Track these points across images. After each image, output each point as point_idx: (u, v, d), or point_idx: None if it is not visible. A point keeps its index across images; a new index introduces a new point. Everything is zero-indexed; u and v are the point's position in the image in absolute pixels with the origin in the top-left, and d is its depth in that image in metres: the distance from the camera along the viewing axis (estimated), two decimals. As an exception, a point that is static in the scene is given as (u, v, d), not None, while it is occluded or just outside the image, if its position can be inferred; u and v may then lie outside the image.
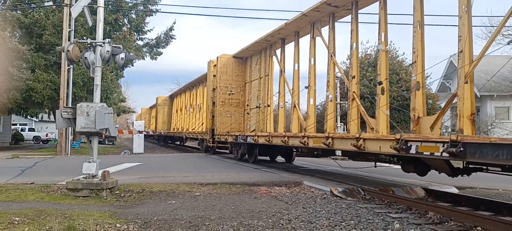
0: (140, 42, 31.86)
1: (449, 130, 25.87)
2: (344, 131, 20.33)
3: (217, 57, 19.05)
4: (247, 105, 17.95)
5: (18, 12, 25.92)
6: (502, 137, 14.69)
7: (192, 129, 26.75)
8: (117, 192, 8.80)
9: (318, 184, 10.00)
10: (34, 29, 25.02)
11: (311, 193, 9.24)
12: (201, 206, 7.47)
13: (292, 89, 13.52)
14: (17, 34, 26.03)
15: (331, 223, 6.18)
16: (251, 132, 16.08)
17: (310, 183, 10.17)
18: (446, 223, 6.43)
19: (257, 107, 16.42)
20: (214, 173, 12.36)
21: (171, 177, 11.07)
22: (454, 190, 9.78)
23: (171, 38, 32.71)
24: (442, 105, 28.47)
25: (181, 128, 31.17)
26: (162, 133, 38.57)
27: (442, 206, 7.49)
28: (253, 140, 14.36)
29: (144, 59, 32.33)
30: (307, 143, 10.84)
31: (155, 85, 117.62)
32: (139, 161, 16.82)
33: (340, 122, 23.03)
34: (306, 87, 12.57)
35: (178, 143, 37.76)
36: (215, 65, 19.83)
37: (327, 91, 11.82)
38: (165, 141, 40.50)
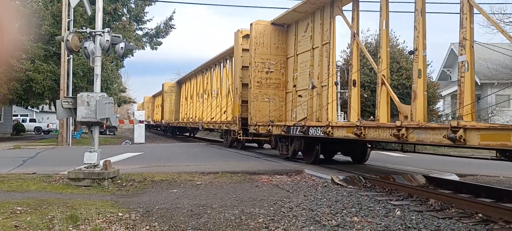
0: (140, 32, 31.77)
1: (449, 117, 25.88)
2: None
3: (251, 25, 14.82)
4: (294, 86, 13.50)
5: (17, 2, 25.77)
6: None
7: (210, 118, 22.82)
8: (119, 181, 8.83)
9: (319, 172, 10.02)
10: (33, 20, 24.90)
11: (312, 181, 9.27)
12: (202, 194, 7.49)
13: (379, 58, 9.34)
14: (16, 24, 25.90)
15: (332, 211, 6.20)
16: (301, 120, 12.15)
17: (311, 171, 10.19)
18: (447, 210, 6.46)
19: (312, 87, 12.11)
20: (215, 162, 12.38)
21: (172, 167, 11.10)
22: (455, 177, 9.80)
23: (171, 28, 32.60)
24: (443, 93, 28.47)
25: (194, 117, 27.62)
26: (170, 123, 34.85)
27: (443, 193, 7.51)
28: (322, 132, 10.20)
29: (144, 49, 32.27)
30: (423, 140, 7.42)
31: (156, 75, 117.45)
32: (140, 150, 16.85)
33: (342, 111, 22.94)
34: (411, 52, 8.82)
35: (187, 134, 35.22)
36: (245, 36, 16.35)
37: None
38: (173, 132, 37.08)
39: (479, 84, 25.99)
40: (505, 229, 5.39)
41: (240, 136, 16.22)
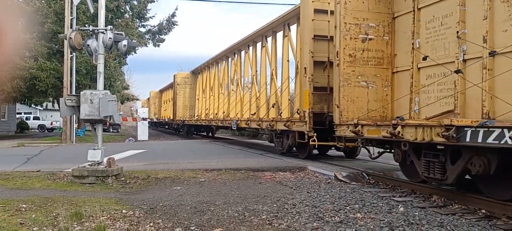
0: (142, 29, 31.82)
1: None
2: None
3: None
4: (413, 61, 8.31)
5: (20, 0, 25.85)
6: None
7: (251, 115, 17.01)
8: (123, 178, 8.87)
9: (322, 169, 10.03)
10: (36, 17, 24.97)
11: (315, 178, 9.28)
12: (206, 191, 7.52)
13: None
14: (20, 22, 25.99)
15: (335, 207, 6.22)
16: (442, 115, 7.27)
17: (314, 168, 10.20)
18: (450, 206, 6.46)
19: (463, 59, 7.01)
20: (219, 159, 12.41)
21: (175, 164, 11.13)
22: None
23: (174, 25, 32.61)
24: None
25: (215, 113, 22.92)
26: (185, 121, 29.18)
27: (446, 189, 7.50)
28: None
29: (146, 46, 32.29)
30: None
31: (158, 72, 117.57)
32: (144, 148, 16.90)
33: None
34: None
35: (205, 133, 30.41)
36: None
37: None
38: (188, 131, 30.62)
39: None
40: (508, 225, 5.39)
41: (311, 140, 10.96)
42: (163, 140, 27.74)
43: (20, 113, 44.10)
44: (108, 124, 29.57)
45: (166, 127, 44.15)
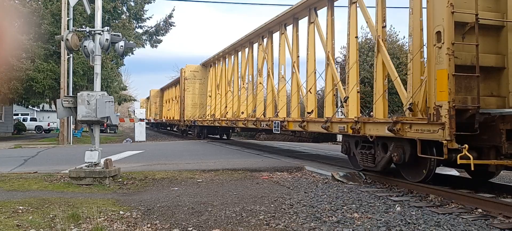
0: (140, 30, 31.81)
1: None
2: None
3: None
4: None
5: (16, 1, 25.78)
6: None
7: (307, 115, 12.02)
8: (120, 179, 8.86)
9: (319, 168, 10.05)
10: (32, 19, 24.91)
11: (312, 177, 9.29)
12: (203, 192, 7.52)
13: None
14: (16, 24, 25.92)
15: (332, 207, 6.23)
16: None
17: (311, 168, 10.21)
18: (447, 205, 6.48)
19: None
20: (216, 159, 12.41)
21: (173, 164, 11.13)
22: (455, 173, 9.81)
23: (171, 26, 32.62)
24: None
25: (237, 112, 18.67)
26: (196, 122, 24.55)
27: (443, 188, 7.52)
28: None
29: (144, 47, 32.32)
30: None
31: (156, 73, 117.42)
32: (141, 149, 16.88)
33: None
34: None
35: (218, 136, 26.09)
36: None
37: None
38: (200, 134, 25.66)
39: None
40: (505, 224, 5.41)
41: (459, 156, 6.32)
42: (161, 140, 27.71)
43: (17, 114, 43.97)
44: (105, 125, 29.46)
45: (168, 128, 40.19)
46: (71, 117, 17.42)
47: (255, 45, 17.31)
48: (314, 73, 12.25)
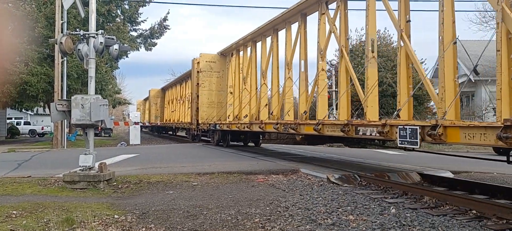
0: (134, 33, 31.80)
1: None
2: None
3: None
4: None
5: (10, 4, 25.66)
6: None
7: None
8: (115, 183, 8.81)
9: (314, 171, 10.06)
10: (26, 22, 24.80)
11: (308, 180, 9.30)
12: (198, 195, 7.50)
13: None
14: (10, 27, 25.80)
15: (328, 210, 6.24)
16: None
17: (306, 170, 10.22)
18: (442, 207, 6.51)
19: None
20: (211, 162, 12.38)
21: (168, 168, 11.09)
22: (449, 175, 9.87)
23: (165, 29, 32.62)
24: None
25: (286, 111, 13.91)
26: (217, 125, 18.90)
27: (438, 190, 7.56)
28: None
29: (138, 50, 32.31)
30: None
31: (150, 76, 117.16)
32: (136, 152, 16.81)
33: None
34: None
35: (242, 143, 19.84)
36: None
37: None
38: (222, 140, 19.51)
39: (473, 81, 26.14)
40: (499, 225, 5.45)
41: None
42: (155, 144, 27.62)
43: (11, 118, 43.63)
44: (99, 128, 29.26)
45: (170, 132, 36.68)
46: (65, 120, 17.30)
47: (295, 27, 13.10)
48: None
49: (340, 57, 10.79)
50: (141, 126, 46.76)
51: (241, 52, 18.52)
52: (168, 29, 32.63)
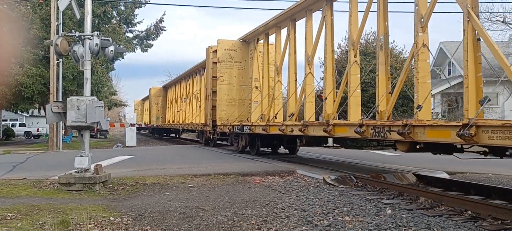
0: (130, 35, 31.70)
1: (439, 115, 26.13)
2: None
3: None
4: None
5: (5, 6, 25.54)
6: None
7: None
8: (110, 185, 8.79)
9: (311, 172, 10.07)
10: (21, 23, 24.70)
11: (304, 181, 9.30)
12: (195, 197, 7.49)
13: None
14: (5, 29, 25.69)
15: (324, 211, 6.24)
16: None
17: (303, 172, 10.23)
18: (437, 207, 6.53)
19: None
20: (208, 164, 12.37)
21: (164, 169, 11.07)
22: (445, 175, 9.90)
23: (161, 30, 32.53)
24: (433, 92, 28.70)
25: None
26: (246, 128, 15.02)
27: (433, 191, 7.59)
28: None
29: (134, 51, 32.16)
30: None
31: (146, 78, 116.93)
32: (132, 154, 16.77)
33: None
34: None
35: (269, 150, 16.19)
36: None
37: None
38: (250, 146, 15.55)
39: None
40: (494, 225, 5.47)
41: None
42: (151, 145, 27.57)
43: (6, 120, 43.48)
44: (95, 130, 29.15)
45: (173, 135, 34.70)
46: (61, 122, 17.26)
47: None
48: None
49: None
50: (139, 128, 45.36)
51: (272, 36, 15.16)
52: (164, 30, 32.57)
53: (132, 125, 26.83)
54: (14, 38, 23.85)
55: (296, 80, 13.05)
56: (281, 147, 15.73)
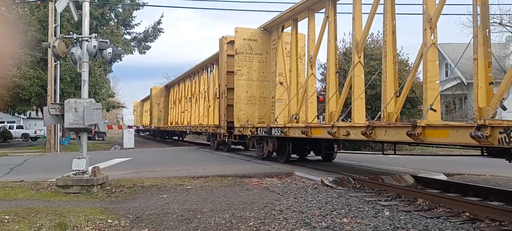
0: (128, 37, 31.70)
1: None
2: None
3: None
4: None
5: (2, 8, 25.50)
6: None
7: None
8: (108, 187, 8.77)
9: (309, 174, 10.07)
10: (19, 25, 24.65)
11: (302, 183, 9.30)
12: (193, 199, 7.48)
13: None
14: (2, 30, 25.64)
15: (322, 213, 6.24)
16: None
17: (301, 173, 10.23)
18: (435, 209, 6.53)
19: None
20: (206, 166, 12.36)
21: (162, 171, 11.05)
22: (443, 177, 9.92)
23: (159, 32, 32.53)
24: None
25: None
26: (275, 131, 12.40)
27: (431, 193, 7.60)
28: None
29: (132, 53, 32.16)
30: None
31: (144, 80, 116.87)
32: (130, 156, 16.75)
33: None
34: None
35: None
36: None
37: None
38: (273, 152, 13.52)
39: (466, 84, 26.33)
40: (491, 227, 5.48)
41: None
42: (149, 147, 27.53)
43: (3, 122, 43.35)
44: (93, 132, 29.09)
45: (175, 137, 33.18)
46: (58, 124, 17.24)
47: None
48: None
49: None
50: (138, 130, 44.18)
51: (300, 22, 13.14)
52: (162, 32, 32.60)
53: (130, 126, 26.80)
54: (11, 40, 23.80)
55: (337, 72, 10.95)
56: (311, 153, 13.80)
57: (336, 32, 10.89)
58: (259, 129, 13.71)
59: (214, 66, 20.08)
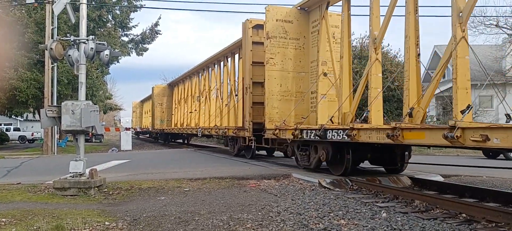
0: (125, 39, 31.70)
1: (434, 119, 26.26)
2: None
3: None
4: None
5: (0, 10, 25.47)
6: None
7: None
8: (105, 189, 8.76)
9: (306, 175, 10.08)
10: (16, 27, 24.61)
11: (299, 185, 9.31)
12: (190, 201, 7.48)
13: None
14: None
15: (319, 214, 6.25)
16: None
17: (298, 175, 10.24)
18: (432, 210, 6.56)
19: None
20: (204, 168, 12.36)
21: (159, 173, 11.04)
22: (440, 178, 9.95)
23: (157, 34, 32.56)
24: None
25: None
26: (329, 134, 9.49)
27: (428, 194, 7.63)
28: None
29: (129, 55, 32.15)
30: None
31: (142, 81, 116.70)
32: (127, 158, 16.72)
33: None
34: None
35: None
36: None
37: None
38: (334, 158, 9.91)
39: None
40: (488, 228, 5.50)
41: None
42: (146, 149, 27.48)
43: (0, 124, 43.20)
44: (90, 134, 28.98)
45: (180, 140, 31.45)
46: (56, 126, 17.20)
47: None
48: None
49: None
50: (138, 132, 43.32)
51: None
52: (159, 34, 32.63)
53: (127, 129, 26.74)
54: (8, 42, 23.74)
55: (418, 55, 8.45)
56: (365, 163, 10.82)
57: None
58: (305, 131, 10.61)
59: (229, 59, 17.80)
